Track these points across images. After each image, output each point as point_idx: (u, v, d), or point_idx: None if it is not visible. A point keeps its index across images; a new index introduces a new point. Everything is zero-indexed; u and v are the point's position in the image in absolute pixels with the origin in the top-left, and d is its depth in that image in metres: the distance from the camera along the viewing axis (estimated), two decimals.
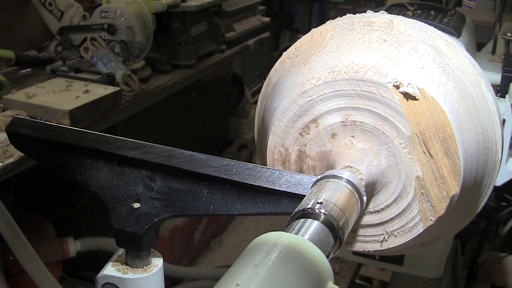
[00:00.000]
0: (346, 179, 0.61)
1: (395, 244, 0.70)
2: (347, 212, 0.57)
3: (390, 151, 0.65)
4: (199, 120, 2.80)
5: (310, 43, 0.75)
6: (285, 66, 0.75)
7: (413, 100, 0.63)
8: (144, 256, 0.68)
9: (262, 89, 0.79)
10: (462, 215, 0.72)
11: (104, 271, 0.65)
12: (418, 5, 1.10)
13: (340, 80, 0.65)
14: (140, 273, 0.65)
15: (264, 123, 0.74)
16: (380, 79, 0.63)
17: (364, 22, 0.73)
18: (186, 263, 2.64)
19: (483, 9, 2.13)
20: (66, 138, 0.72)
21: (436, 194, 0.64)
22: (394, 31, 0.71)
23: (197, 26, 2.52)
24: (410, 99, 0.63)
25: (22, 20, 2.14)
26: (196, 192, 0.65)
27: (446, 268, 1.34)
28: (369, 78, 0.64)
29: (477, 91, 0.69)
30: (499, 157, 0.70)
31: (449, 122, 0.62)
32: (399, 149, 0.65)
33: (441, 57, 0.68)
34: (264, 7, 3.49)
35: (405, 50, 0.68)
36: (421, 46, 0.69)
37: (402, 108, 0.63)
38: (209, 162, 0.66)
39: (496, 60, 1.19)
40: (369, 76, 0.64)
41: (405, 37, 0.70)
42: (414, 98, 0.62)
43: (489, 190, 0.72)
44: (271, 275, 0.43)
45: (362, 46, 0.69)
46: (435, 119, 0.63)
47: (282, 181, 0.63)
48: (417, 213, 0.67)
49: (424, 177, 0.64)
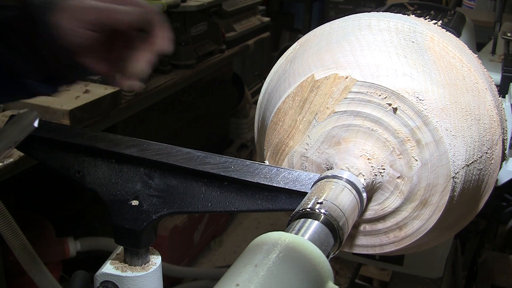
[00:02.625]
0: (346, 179, 0.61)
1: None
2: (347, 212, 0.57)
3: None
4: (199, 120, 2.80)
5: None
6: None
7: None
8: (143, 254, 0.68)
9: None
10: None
11: (103, 269, 0.65)
12: (418, 5, 1.10)
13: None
14: (139, 271, 0.65)
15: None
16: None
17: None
18: (186, 263, 2.63)
19: (483, 9, 2.13)
20: (64, 137, 0.73)
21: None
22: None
23: (197, 26, 2.52)
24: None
25: None
26: (195, 189, 0.66)
27: (446, 268, 1.34)
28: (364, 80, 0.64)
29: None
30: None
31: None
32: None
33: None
34: (264, 7, 3.49)
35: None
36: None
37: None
38: (207, 160, 0.66)
39: (496, 60, 1.19)
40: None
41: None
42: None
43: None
44: (271, 275, 0.43)
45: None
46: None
47: (280, 178, 0.63)
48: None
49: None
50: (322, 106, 0.66)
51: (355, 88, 0.65)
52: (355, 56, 0.67)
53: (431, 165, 0.64)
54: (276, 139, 0.70)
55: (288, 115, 0.69)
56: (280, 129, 0.70)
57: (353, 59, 0.66)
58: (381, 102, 0.64)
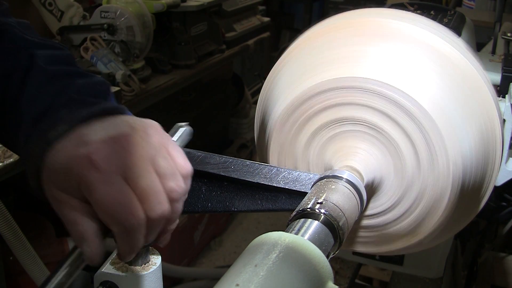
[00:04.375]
0: (346, 179, 0.61)
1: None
2: (347, 212, 0.57)
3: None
4: (199, 120, 2.79)
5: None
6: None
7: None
8: (143, 254, 0.68)
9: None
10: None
11: (103, 269, 0.65)
12: (418, 5, 1.10)
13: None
14: (139, 271, 0.65)
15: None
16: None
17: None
18: (186, 263, 2.63)
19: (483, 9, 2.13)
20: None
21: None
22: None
23: (197, 26, 2.52)
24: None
25: None
26: (195, 189, 0.65)
27: (446, 268, 1.34)
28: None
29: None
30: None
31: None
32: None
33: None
34: (264, 7, 3.49)
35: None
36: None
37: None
38: (207, 160, 0.66)
39: (496, 60, 1.18)
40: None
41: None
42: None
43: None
44: (271, 275, 0.43)
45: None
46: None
47: (280, 178, 0.63)
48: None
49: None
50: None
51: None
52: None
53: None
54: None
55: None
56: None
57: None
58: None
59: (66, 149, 0.53)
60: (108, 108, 0.58)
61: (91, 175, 0.51)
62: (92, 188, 0.51)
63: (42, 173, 0.54)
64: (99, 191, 0.51)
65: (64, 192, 0.53)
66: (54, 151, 0.54)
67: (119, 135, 0.54)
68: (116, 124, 0.56)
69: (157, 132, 0.57)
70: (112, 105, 0.60)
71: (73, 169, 0.51)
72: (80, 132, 0.54)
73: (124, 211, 0.51)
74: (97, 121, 0.56)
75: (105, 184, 0.51)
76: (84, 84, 0.63)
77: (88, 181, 0.51)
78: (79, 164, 0.51)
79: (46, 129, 0.56)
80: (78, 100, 0.60)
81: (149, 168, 0.53)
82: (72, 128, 0.55)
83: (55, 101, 0.60)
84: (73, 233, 0.53)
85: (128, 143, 0.53)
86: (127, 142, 0.53)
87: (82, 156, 0.51)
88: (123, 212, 0.51)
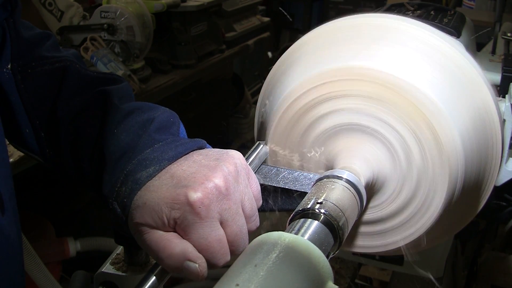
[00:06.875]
0: (346, 179, 0.61)
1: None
2: (347, 212, 0.57)
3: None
4: (199, 120, 2.79)
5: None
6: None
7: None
8: (143, 254, 0.68)
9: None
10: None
11: (103, 269, 0.65)
12: (418, 5, 1.10)
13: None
14: (139, 271, 0.65)
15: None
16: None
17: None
18: None
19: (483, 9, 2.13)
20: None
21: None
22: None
23: (197, 26, 2.52)
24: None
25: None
26: None
27: (446, 268, 1.34)
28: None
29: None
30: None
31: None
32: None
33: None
34: (264, 7, 3.49)
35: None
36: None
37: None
38: None
39: (496, 60, 1.18)
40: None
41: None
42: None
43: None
44: (271, 275, 0.43)
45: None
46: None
47: (280, 178, 0.63)
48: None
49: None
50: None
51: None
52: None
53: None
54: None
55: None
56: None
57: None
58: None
59: (160, 189, 0.55)
60: (193, 147, 0.60)
61: (191, 218, 0.53)
62: (189, 230, 0.54)
63: (129, 211, 0.56)
64: (198, 233, 0.54)
65: (150, 227, 0.55)
66: (145, 191, 0.55)
67: (214, 177, 0.55)
68: (208, 165, 0.57)
69: (243, 167, 0.59)
70: (195, 142, 0.61)
71: (168, 208, 0.53)
72: (171, 172, 0.56)
73: (218, 255, 0.55)
74: (184, 160, 0.58)
75: (204, 228, 0.53)
76: (160, 120, 0.64)
77: (189, 224, 0.53)
78: (177, 205, 0.53)
79: (133, 169, 0.57)
80: (158, 139, 0.60)
81: (240, 211, 0.56)
82: (163, 168, 0.56)
83: (137, 140, 0.61)
84: (169, 257, 0.54)
85: (225, 185, 0.55)
86: (224, 185, 0.55)
87: (181, 198, 0.53)
88: (217, 255, 0.55)
